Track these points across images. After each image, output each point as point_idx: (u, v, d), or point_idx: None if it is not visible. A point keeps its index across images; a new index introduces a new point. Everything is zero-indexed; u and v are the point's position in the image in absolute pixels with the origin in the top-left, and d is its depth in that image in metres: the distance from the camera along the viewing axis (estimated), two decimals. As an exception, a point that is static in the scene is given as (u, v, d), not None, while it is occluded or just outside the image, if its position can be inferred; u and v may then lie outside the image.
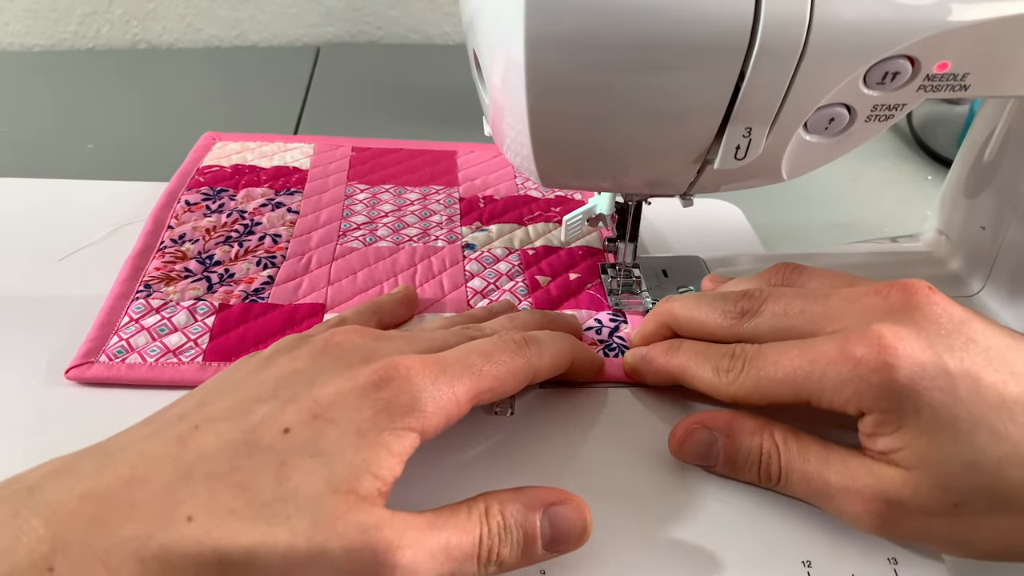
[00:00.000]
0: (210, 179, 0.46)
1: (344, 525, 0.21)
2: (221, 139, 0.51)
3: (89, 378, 0.32)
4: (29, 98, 0.66)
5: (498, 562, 0.23)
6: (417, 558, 0.22)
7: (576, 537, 0.25)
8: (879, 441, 0.25)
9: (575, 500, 0.25)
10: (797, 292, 0.29)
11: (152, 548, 0.20)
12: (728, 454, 0.28)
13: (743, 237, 0.45)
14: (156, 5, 0.77)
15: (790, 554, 0.26)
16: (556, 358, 0.29)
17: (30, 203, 0.44)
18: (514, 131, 0.28)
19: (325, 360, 0.25)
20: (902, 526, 0.25)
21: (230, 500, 0.21)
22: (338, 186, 0.47)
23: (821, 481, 0.26)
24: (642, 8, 0.23)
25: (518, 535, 0.24)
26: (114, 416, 0.26)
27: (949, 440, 0.24)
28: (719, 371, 0.28)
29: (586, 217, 0.38)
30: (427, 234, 0.43)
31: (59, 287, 0.38)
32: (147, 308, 0.36)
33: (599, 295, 0.39)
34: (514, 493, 0.25)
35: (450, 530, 0.23)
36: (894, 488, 0.24)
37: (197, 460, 0.22)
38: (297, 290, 0.38)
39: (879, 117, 0.27)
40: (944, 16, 0.24)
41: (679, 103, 0.25)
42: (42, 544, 0.19)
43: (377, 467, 0.22)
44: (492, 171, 0.50)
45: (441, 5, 0.82)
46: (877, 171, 0.60)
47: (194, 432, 0.23)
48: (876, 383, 0.24)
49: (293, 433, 0.22)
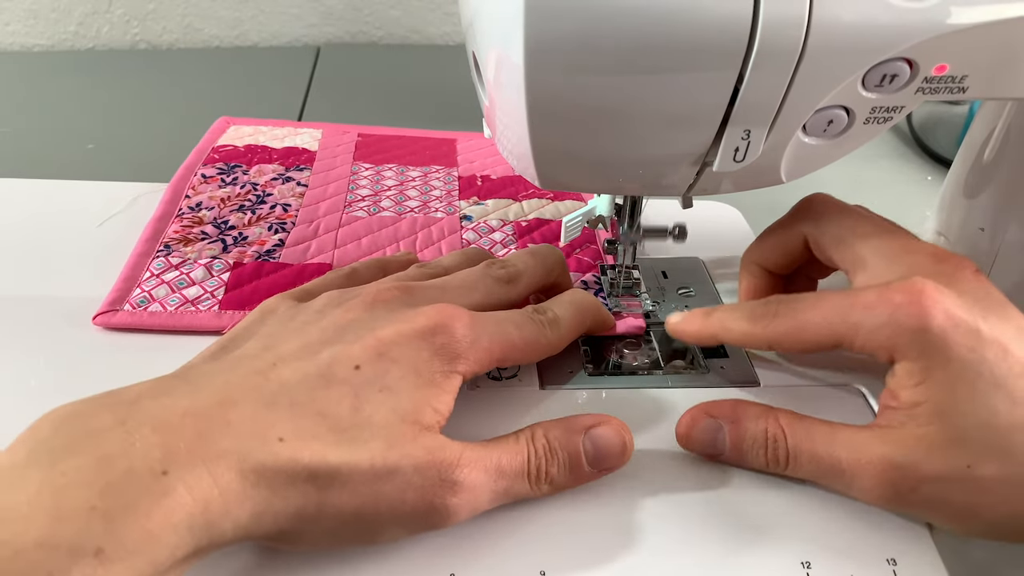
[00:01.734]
0: (224, 156, 0.49)
1: (413, 447, 0.24)
2: (235, 123, 0.54)
3: (115, 324, 0.35)
4: (29, 98, 0.66)
5: (548, 480, 0.27)
6: (473, 473, 0.25)
7: (617, 454, 0.27)
8: (903, 394, 0.26)
9: (614, 421, 0.28)
10: None
11: (250, 462, 0.22)
12: (734, 441, 0.28)
13: (742, 239, 0.45)
14: (156, 5, 0.77)
15: (790, 554, 0.26)
16: (572, 334, 0.32)
17: (30, 203, 0.44)
18: (513, 132, 0.28)
19: (378, 309, 0.28)
20: (915, 493, 0.26)
21: (312, 426, 0.24)
22: (344, 164, 0.50)
23: (831, 459, 0.26)
24: (641, 10, 0.23)
25: (563, 455, 0.27)
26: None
27: (968, 396, 0.25)
28: (754, 317, 0.29)
29: (585, 219, 0.38)
30: (427, 206, 0.46)
31: (62, 282, 0.38)
32: (167, 265, 0.39)
33: (587, 258, 0.42)
34: (557, 421, 0.28)
35: (501, 451, 0.26)
36: (908, 450, 0.25)
37: (280, 390, 0.24)
38: (306, 252, 0.41)
39: (878, 119, 0.27)
40: (943, 19, 0.24)
41: (678, 105, 0.25)
42: (155, 449, 0.21)
43: (436, 402, 0.26)
44: (489, 156, 0.52)
45: (441, 5, 0.82)
46: (877, 172, 0.60)
47: (272, 368, 0.25)
48: (911, 329, 0.25)
49: (363, 369, 0.25)
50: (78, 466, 0.20)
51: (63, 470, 0.20)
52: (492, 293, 0.32)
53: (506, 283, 0.32)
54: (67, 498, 0.20)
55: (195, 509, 0.21)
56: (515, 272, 0.33)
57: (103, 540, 0.19)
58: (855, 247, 0.30)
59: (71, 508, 0.19)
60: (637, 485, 0.29)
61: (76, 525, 0.19)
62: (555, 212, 0.47)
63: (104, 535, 0.19)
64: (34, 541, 0.19)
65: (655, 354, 0.35)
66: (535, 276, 0.34)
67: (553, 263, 0.35)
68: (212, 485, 0.21)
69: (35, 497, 0.20)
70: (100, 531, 0.19)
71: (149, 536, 0.20)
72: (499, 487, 0.26)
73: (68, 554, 0.19)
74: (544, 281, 0.34)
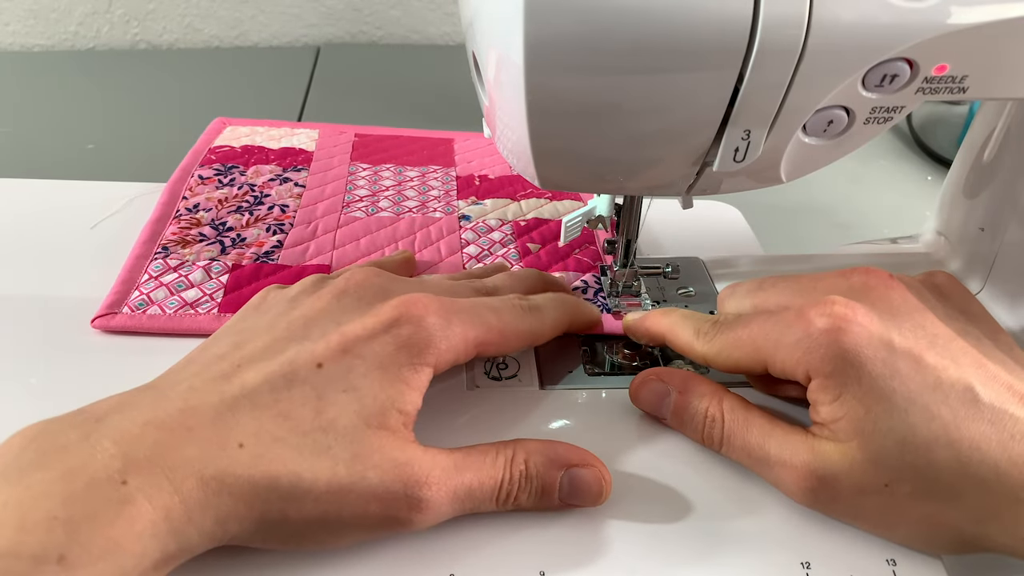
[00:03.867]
0: (221, 157, 0.49)
1: (380, 458, 0.24)
2: (231, 124, 0.54)
3: (113, 327, 0.35)
4: (29, 98, 0.66)
5: (515, 504, 0.26)
6: (439, 495, 0.25)
7: (593, 497, 0.27)
8: (821, 410, 0.26)
9: (597, 465, 0.27)
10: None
11: (210, 470, 0.22)
12: (677, 408, 0.29)
13: (742, 238, 0.45)
14: (156, 5, 0.77)
15: (789, 554, 0.26)
16: (556, 324, 0.32)
17: (30, 203, 0.44)
18: (513, 132, 0.28)
19: (347, 299, 0.28)
20: (834, 503, 0.26)
21: (275, 428, 0.24)
22: (342, 165, 0.50)
23: (761, 452, 0.27)
24: (641, 10, 0.23)
25: (537, 485, 0.26)
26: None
27: (884, 413, 0.25)
28: (699, 333, 0.30)
29: (585, 219, 0.38)
30: (425, 206, 0.46)
31: (61, 283, 0.38)
32: (165, 267, 0.38)
33: (586, 258, 0.42)
34: (542, 446, 0.27)
35: (473, 473, 0.25)
36: (831, 463, 0.25)
37: (242, 393, 0.24)
38: (304, 253, 0.41)
39: (878, 119, 0.27)
40: (943, 19, 0.24)
41: (678, 105, 0.25)
42: (114, 461, 0.22)
43: (401, 403, 0.25)
44: (487, 155, 0.52)
45: (441, 5, 0.82)
46: (877, 172, 0.60)
47: (236, 370, 0.25)
48: (824, 345, 0.25)
49: (325, 368, 0.25)
50: (43, 479, 0.21)
51: (28, 484, 0.21)
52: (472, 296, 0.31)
53: (485, 294, 0.32)
54: (31, 510, 0.20)
55: (156, 516, 0.21)
56: (493, 287, 0.33)
57: (65, 548, 0.20)
58: (770, 298, 0.30)
59: (34, 519, 0.20)
60: (636, 485, 0.29)
61: (39, 535, 0.20)
62: (553, 212, 0.47)
63: (67, 543, 0.20)
64: (0, 551, 0.19)
65: (655, 354, 0.35)
66: (514, 291, 0.33)
67: (532, 282, 0.35)
68: (172, 493, 0.22)
69: (2, 510, 0.20)
70: (63, 539, 0.20)
71: (112, 543, 0.20)
72: (465, 507, 0.26)
73: (31, 562, 0.19)
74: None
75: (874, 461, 0.25)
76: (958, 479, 0.24)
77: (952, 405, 0.24)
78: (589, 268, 0.41)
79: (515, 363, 0.34)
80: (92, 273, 0.38)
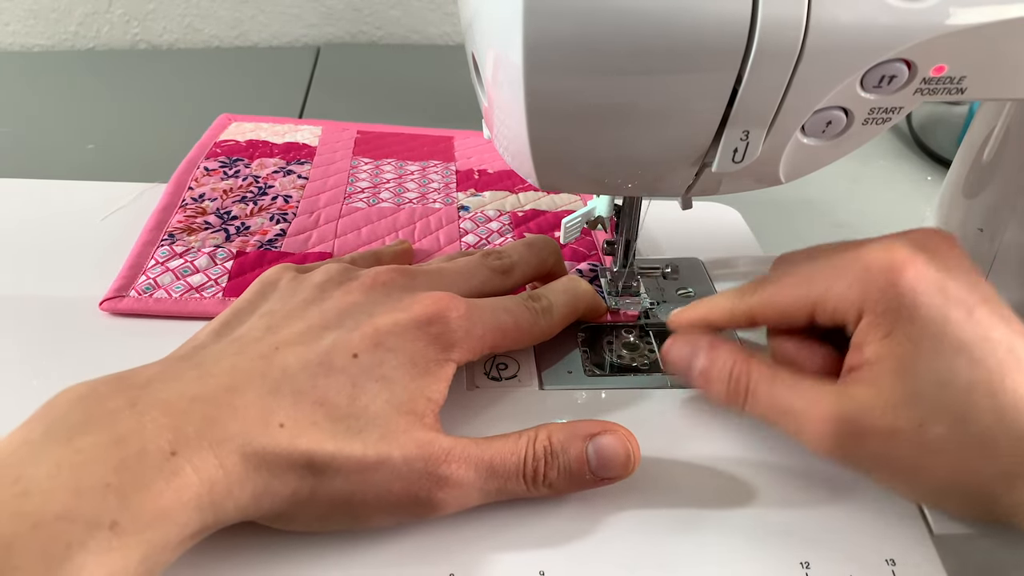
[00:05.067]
0: (226, 150, 0.50)
1: (405, 439, 0.25)
2: (236, 119, 0.55)
3: (121, 310, 0.36)
4: (29, 98, 0.66)
5: (547, 484, 0.27)
6: (461, 469, 0.25)
7: (621, 464, 0.27)
8: (867, 349, 0.26)
9: (621, 430, 0.28)
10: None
11: (253, 447, 0.23)
12: (704, 367, 0.30)
13: (741, 239, 0.45)
14: (156, 5, 0.77)
15: (789, 554, 0.26)
16: (565, 320, 0.33)
17: (30, 203, 0.44)
18: (512, 133, 0.28)
19: (375, 294, 0.29)
20: (860, 448, 0.26)
21: (311, 413, 0.25)
22: (344, 159, 0.51)
23: (786, 402, 0.27)
24: (640, 11, 0.23)
25: (564, 460, 0.27)
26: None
27: (932, 352, 0.25)
28: (741, 292, 0.30)
29: (585, 220, 0.38)
30: (425, 198, 0.47)
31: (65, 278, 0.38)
32: (171, 253, 0.40)
33: (582, 248, 0.42)
34: (562, 424, 0.28)
35: (495, 450, 0.26)
36: (862, 405, 0.25)
37: (283, 377, 0.25)
38: (307, 241, 0.42)
39: (876, 120, 0.27)
40: (941, 20, 0.24)
41: (677, 106, 0.25)
42: (165, 431, 0.22)
43: (429, 392, 0.27)
44: (487, 152, 0.53)
45: (441, 5, 0.82)
46: (876, 171, 0.60)
47: (275, 352, 0.26)
48: (881, 284, 0.26)
49: (360, 358, 0.26)
50: (94, 444, 0.22)
51: (79, 447, 0.21)
52: (488, 281, 0.33)
53: (501, 273, 0.34)
54: (85, 474, 0.21)
55: (201, 489, 0.22)
56: (510, 263, 0.34)
57: (117, 514, 0.21)
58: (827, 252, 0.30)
59: (89, 484, 0.21)
60: (636, 485, 0.29)
61: (93, 500, 0.21)
62: (551, 204, 0.47)
63: (119, 510, 0.21)
64: (55, 514, 0.20)
65: (655, 354, 0.35)
66: (530, 266, 0.35)
67: (548, 253, 0.36)
68: (217, 467, 0.23)
69: (55, 472, 0.21)
70: (115, 506, 0.21)
71: (162, 513, 0.21)
72: (490, 486, 0.26)
73: (86, 527, 0.20)
74: (539, 271, 0.36)
75: (912, 399, 0.25)
76: (994, 428, 0.24)
77: (999, 357, 0.25)
78: (585, 257, 0.42)
79: (515, 363, 0.34)
80: (97, 267, 0.38)
